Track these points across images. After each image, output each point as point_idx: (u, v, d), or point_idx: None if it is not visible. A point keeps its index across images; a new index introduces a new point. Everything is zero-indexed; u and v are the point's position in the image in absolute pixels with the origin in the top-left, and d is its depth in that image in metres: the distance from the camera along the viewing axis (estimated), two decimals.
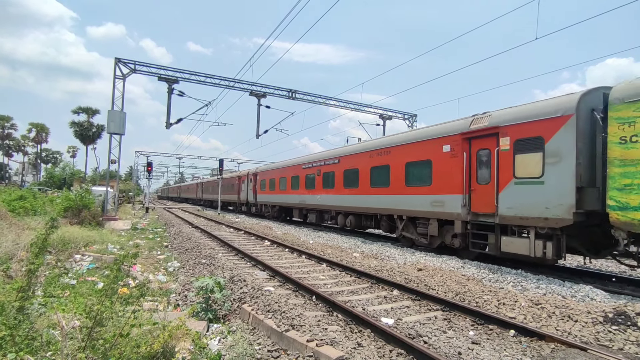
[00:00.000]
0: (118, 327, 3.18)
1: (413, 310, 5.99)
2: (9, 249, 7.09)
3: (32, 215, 13.89)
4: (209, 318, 5.29)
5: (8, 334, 2.84)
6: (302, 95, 25.27)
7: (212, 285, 5.53)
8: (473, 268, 8.90)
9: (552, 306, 5.79)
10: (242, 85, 23.38)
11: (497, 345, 4.57)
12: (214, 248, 11.88)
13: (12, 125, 66.38)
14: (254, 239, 15.03)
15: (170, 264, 9.70)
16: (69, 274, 7.55)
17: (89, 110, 59.20)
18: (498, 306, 5.98)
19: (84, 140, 60.18)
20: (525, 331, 4.86)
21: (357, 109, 27.73)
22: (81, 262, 8.85)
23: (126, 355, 3.07)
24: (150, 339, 3.45)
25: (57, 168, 58.56)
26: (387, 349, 4.36)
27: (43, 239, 3.80)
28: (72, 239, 10.26)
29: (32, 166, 72.85)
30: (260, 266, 9.14)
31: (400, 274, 8.22)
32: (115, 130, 19.92)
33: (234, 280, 7.33)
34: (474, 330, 5.09)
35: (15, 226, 9.45)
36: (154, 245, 12.77)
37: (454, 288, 6.94)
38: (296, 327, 4.72)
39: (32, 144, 69.41)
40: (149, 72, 21.33)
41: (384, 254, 11.09)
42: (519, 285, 7.40)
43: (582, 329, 5.01)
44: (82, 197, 16.30)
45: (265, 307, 5.56)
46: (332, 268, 9.26)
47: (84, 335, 2.99)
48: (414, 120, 29.46)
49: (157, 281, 7.79)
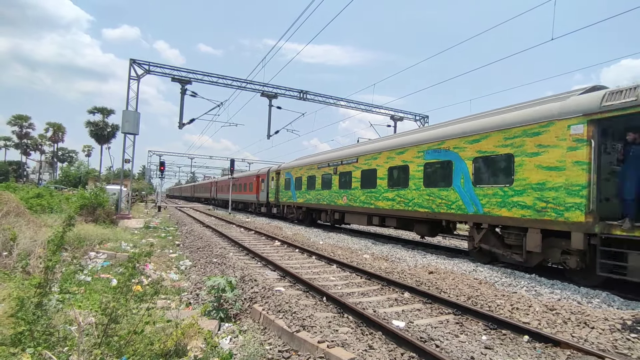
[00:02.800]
0: (132, 324, 3.23)
1: (424, 314, 5.93)
2: (27, 245, 7.25)
3: (48, 212, 14.23)
4: (220, 317, 5.33)
5: (27, 329, 2.91)
6: (313, 96, 25.32)
7: (224, 285, 5.57)
8: (485, 272, 8.77)
9: (567, 312, 5.67)
10: (253, 86, 23.53)
11: (511, 351, 4.49)
12: (225, 247, 11.97)
13: (30, 125, 68.15)
14: (264, 239, 15.10)
15: (182, 262, 9.81)
16: (84, 271, 7.70)
17: (104, 110, 60.48)
18: (511, 311, 5.88)
19: (99, 140, 61.46)
20: (540, 337, 4.77)
21: (368, 110, 27.66)
22: (96, 260, 9.02)
23: (140, 352, 3.12)
24: (164, 336, 3.49)
25: (73, 167, 59.82)
26: (398, 352, 4.32)
27: (60, 237, 3.88)
28: (87, 237, 10.48)
29: (48, 165, 74.58)
30: (271, 266, 9.17)
31: (411, 276, 8.15)
32: (130, 130, 20.24)
33: (245, 279, 7.37)
34: (487, 335, 5.01)
35: (32, 223, 9.67)
36: (166, 244, 12.93)
37: (466, 292, 6.85)
38: (307, 328, 4.72)
39: (49, 143, 71.09)
40: (162, 73, 21.65)
41: (394, 255, 11.02)
42: (533, 290, 7.27)
43: (599, 336, 4.89)
44: (97, 196, 16.63)
45: (276, 307, 5.57)
46: (343, 269, 9.24)
47: (99, 332, 3.04)
48: (425, 121, 29.25)
49: (169, 279, 7.89)
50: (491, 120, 9.79)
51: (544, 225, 8.09)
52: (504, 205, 8.99)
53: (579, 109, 7.56)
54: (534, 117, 8.52)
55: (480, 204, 9.67)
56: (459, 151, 10.52)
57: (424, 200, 11.73)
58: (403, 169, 12.86)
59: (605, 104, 7.10)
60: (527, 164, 8.55)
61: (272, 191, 26.29)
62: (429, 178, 11.69)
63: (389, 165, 13.63)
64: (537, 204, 8.25)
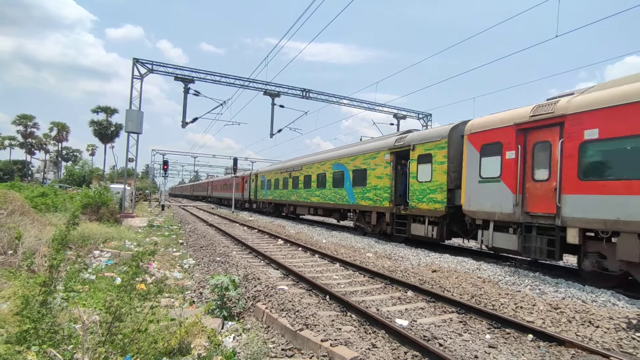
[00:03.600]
0: (136, 322, 3.24)
1: (428, 312, 5.92)
2: (32, 244, 7.30)
3: (53, 211, 14.30)
4: (223, 315, 5.35)
5: (32, 327, 2.93)
6: (316, 95, 25.28)
7: (227, 283, 5.58)
8: (489, 270, 8.74)
9: (571, 311, 5.64)
10: (256, 84, 23.54)
11: (515, 350, 4.47)
12: (228, 246, 12.00)
13: (34, 124, 68.65)
14: (267, 237, 15.13)
15: (185, 261, 9.85)
16: (89, 270, 7.74)
17: (108, 109, 60.70)
18: (515, 310, 5.85)
19: (103, 139, 61.73)
20: (544, 336, 4.75)
21: (371, 108, 27.59)
22: (100, 258, 9.06)
23: (144, 350, 3.13)
24: (167, 335, 3.50)
25: (77, 166, 60.05)
26: (401, 350, 4.32)
27: (64, 235, 3.90)
28: (91, 235, 10.52)
29: (53, 164, 75.08)
30: (274, 265, 9.19)
31: (415, 275, 8.14)
32: (133, 129, 20.32)
33: (248, 278, 7.39)
34: (491, 334, 4.99)
35: (37, 222, 9.73)
36: (170, 243, 12.98)
37: (469, 290, 6.83)
38: (310, 326, 4.72)
39: (53, 142, 71.61)
40: (165, 72, 21.69)
41: (397, 254, 11.00)
42: (537, 288, 7.24)
43: (603, 335, 4.86)
44: (101, 195, 16.70)
45: (279, 306, 5.58)
46: (346, 268, 9.24)
47: (103, 330, 3.05)
48: (428, 119, 29.13)
49: (173, 278, 7.92)
50: (360, 148, 16.73)
51: (377, 210, 14.73)
52: (363, 199, 15.58)
53: (387, 146, 14.28)
54: (373, 149, 15.29)
55: (355, 198, 16.25)
56: (347, 165, 17.20)
57: (333, 197, 18.35)
58: (324, 175, 19.48)
59: (396, 144, 13.63)
60: (371, 174, 15.11)
61: (253, 190, 32.67)
62: (335, 182, 18.27)
63: (317, 173, 20.26)
64: (374, 197, 14.79)
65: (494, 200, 9.32)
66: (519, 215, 8.68)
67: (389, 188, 13.74)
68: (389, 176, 13.78)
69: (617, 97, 6.98)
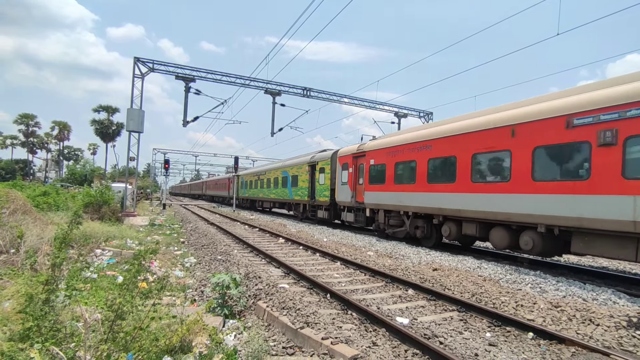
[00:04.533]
0: (138, 320, 3.26)
1: (428, 310, 5.94)
2: (34, 243, 7.34)
3: (54, 210, 14.33)
4: (224, 314, 5.37)
5: (35, 325, 2.95)
6: (317, 94, 25.29)
7: (228, 282, 5.60)
8: (490, 269, 8.75)
9: (572, 309, 5.64)
10: (257, 83, 23.55)
11: (515, 348, 4.49)
12: (229, 245, 12.03)
13: (36, 124, 68.74)
14: (268, 236, 15.15)
15: (186, 259, 9.87)
16: (90, 268, 7.76)
17: (109, 108, 60.71)
18: (516, 308, 5.86)
19: (104, 138, 61.77)
20: (545, 334, 4.76)
21: (372, 106, 27.57)
22: (101, 257, 9.10)
23: (146, 348, 3.15)
24: (169, 333, 3.53)
25: (79, 165, 60.10)
26: (402, 348, 4.34)
27: (66, 234, 3.92)
28: (92, 234, 10.56)
29: (54, 163, 75.18)
30: (275, 263, 9.21)
31: (415, 273, 8.15)
32: (134, 128, 20.36)
33: (249, 276, 7.41)
34: (491, 332, 5.01)
35: (39, 221, 9.76)
36: (171, 241, 13.02)
37: (470, 288, 6.84)
38: (311, 324, 4.74)
39: (55, 141, 71.66)
40: (166, 71, 21.71)
41: (398, 252, 11.01)
42: (538, 287, 7.25)
43: (604, 333, 4.86)
44: (102, 194, 16.72)
45: (280, 304, 5.60)
46: (347, 266, 9.25)
47: (105, 328, 3.07)
48: (429, 118, 29.10)
49: (174, 276, 7.95)
50: (295, 161, 24.25)
51: (302, 202, 22.26)
52: (296, 195, 22.96)
53: (307, 161, 21.80)
54: (301, 162, 22.73)
55: (292, 195, 23.69)
56: (289, 172, 24.49)
57: (282, 194, 25.69)
58: (277, 179, 26.81)
59: (310, 160, 21.20)
60: (299, 179, 22.62)
61: (235, 190, 38.19)
62: (283, 183, 25.59)
63: (274, 177, 27.49)
64: (301, 194, 22.16)
65: (345, 195, 17.00)
66: (353, 203, 16.43)
67: (307, 188, 21.45)
68: (307, 180, 21.44)
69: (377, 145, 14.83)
